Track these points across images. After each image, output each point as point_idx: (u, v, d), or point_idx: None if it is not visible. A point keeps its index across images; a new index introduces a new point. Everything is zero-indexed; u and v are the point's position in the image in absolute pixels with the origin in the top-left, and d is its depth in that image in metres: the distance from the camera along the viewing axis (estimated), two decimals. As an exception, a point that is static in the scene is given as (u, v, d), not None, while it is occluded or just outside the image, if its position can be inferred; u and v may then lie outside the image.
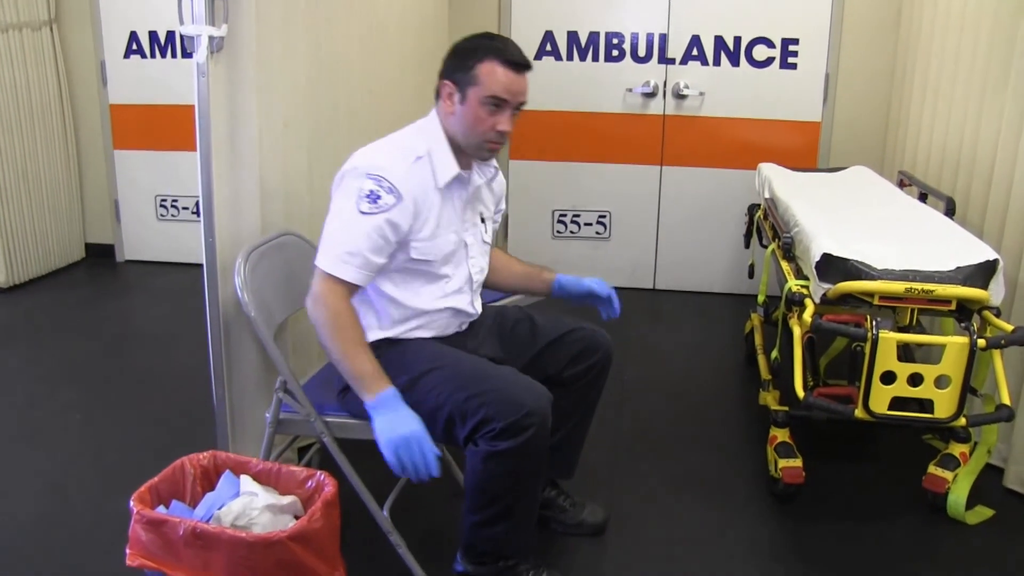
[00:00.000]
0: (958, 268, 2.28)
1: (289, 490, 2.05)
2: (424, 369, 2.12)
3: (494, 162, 2.39)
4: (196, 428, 2.98)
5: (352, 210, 2.07)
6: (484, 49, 2.13)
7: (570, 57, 4.87)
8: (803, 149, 4.80)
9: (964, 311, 2.31)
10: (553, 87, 4.87)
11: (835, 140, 4.82)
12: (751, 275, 3.63)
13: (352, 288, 2.09)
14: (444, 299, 2.26)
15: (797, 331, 2.42)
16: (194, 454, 2.07)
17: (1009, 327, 2.22)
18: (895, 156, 4.45)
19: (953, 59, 3.59)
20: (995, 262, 2.29)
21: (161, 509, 1.92)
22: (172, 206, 5.50)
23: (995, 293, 2.30)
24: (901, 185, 3.72)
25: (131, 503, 1.85)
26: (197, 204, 2.80)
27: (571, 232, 5.01)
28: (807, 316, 2.35)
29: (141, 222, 5.58)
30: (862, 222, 2.86)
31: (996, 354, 2.29)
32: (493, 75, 2.11)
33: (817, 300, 2.40)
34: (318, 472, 2.03)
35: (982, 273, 2.28)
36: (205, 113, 2.20)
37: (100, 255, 5.65)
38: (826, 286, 2.35)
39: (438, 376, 2.10)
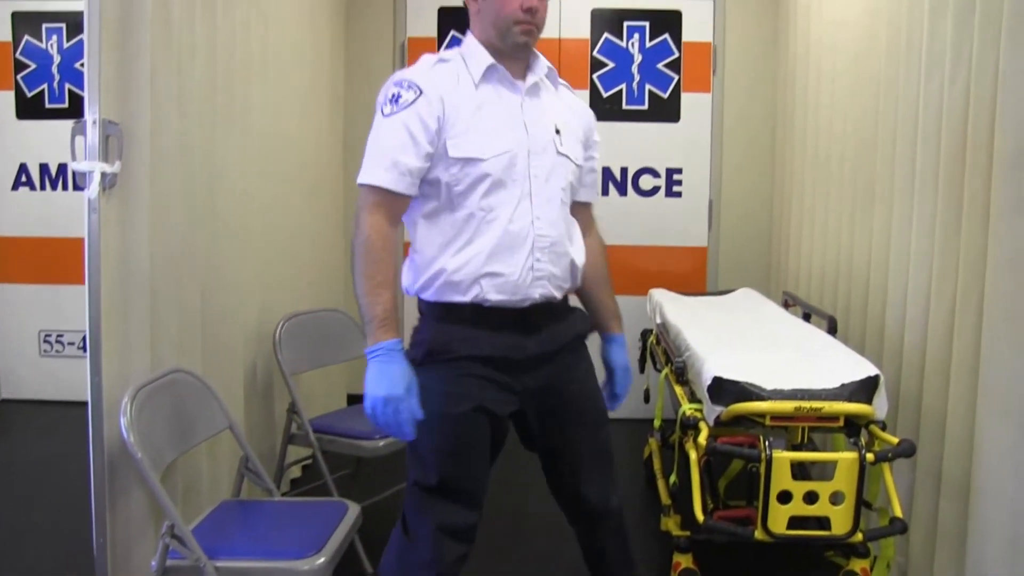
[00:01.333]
0: (843, 385, 2.35)
1: (177, 643, 1.94)
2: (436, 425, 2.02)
3: (565, 81, 2.28)
4: (76, 580, 2.81)
5: (377, 120, 2.01)
6: None
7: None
8: (692, 273, 4.96)
9: (852, 426, 2.37)
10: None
11: (722, 264, 4.99)
12: (647, 400, 3.66)
13: (392, 203, 2.00)
14: (492, 221, 2.03)
15: (693, 455, 2.44)
16: (72, 609, 1.95)
17: (895, 440, 2.29)
18: (779, 277, 4.63)
19: (824, 186, 3.81)
20: (876, 377, 2.38)
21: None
22: (57, 342, 5.30)
23: (879, 407, 2.37)
24: (786, 305, 3.85)
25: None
26: (84, 339, 2.74)
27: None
28: (702, 439, 2.38)
29: (22, 358, 5.34)
30: (751, 343, 2.94)
31: (885, 467, 2.35)
32: None
33: (711, 423, 2.43)
34: (208, 622, 1.94)
35: (866, 389, 2.36)
36: (96, 249, 2.16)
37: (-24, 395, 5.37)
38: (719, 409, 2.39)
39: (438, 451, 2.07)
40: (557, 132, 2.14)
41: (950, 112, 2.57)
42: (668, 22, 4.88)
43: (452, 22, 4.88)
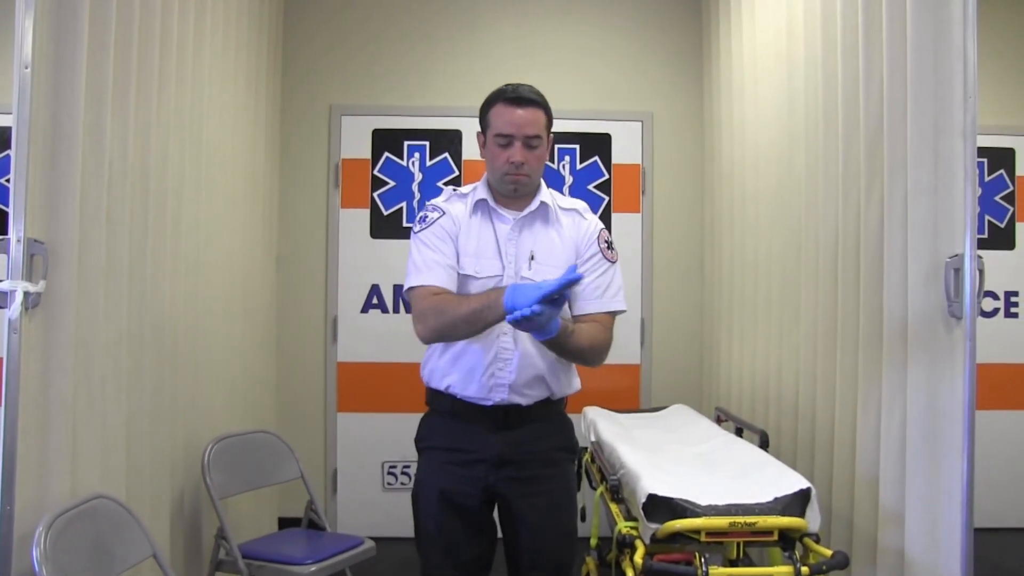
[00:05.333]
0: (776, 499, 2.36)
1: None
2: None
3: (577, 206, 2.59)
4: None
5: (412, 241, 2.47)
6: (494, 96, 2.46)
7: (396, 310, 4.95)
8: (625, 391, 4.98)
9: (787, 540, 2.37)
10: (381, 339, 4.90)
11: (655, 381, 5.03)
12: (583, 518, 3.62)
13: (428, 289, 2.38)
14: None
15: (630, 574, 2.41)
16: None
17: (828, 552, 2.29)
18: (711, 393, 4.68)
19: (752, 304, 3.90)
20: (808, 490, 2.39)
21: None
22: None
23: (812, 520, 2.38)
24: (718, 421, 3.88)
25: None
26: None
27: (402, 484, 4.90)
28: (638, 558, 2.36)
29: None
30: (684, 460, 2.95)
31: (821, 580, 2.35)
32: (499, 115, 2.42)
33: (647, 540, 2.41)
34: None
35: (798, 502, 2.37)
36: (15, 370, 2.10)
37: None
38: (654, 526, 2.37)
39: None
40: (532, 258, 2.47)
41: (867, 232, 2.68)
42: (598, 144, 5.05)
43: (386, 144, 4.97)
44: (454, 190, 2.59)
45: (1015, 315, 5.06)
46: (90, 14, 2.34)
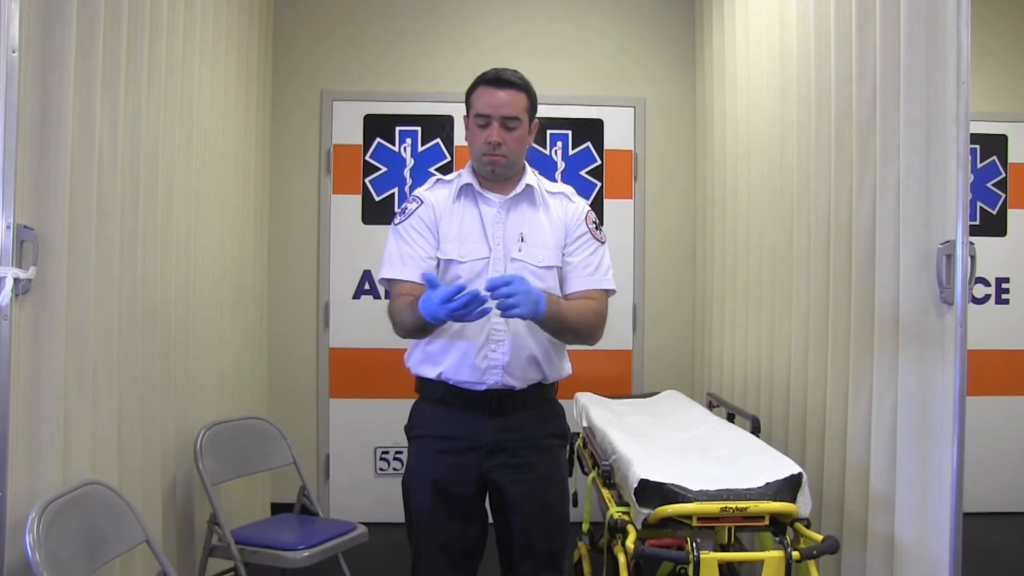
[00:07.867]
0: (767, 484, 2.37)
1: None
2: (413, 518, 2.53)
3: (564, 189, 2.61)
4: None
5: (391, 231, 2.53)
6: (477, 79, 2.48)
7: (388, 296, 4.92)
8: (618, 376, 4.99)
9: (778, 525, 2.38)
10: (373, 325, 4.86)
11: (647, 366, 5.04)
12: (575, 504, 3.63)
13: (412, 289, 2.41)
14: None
15: (622, 559, 2.42)
16: None
17: (819, 537, 2.30)
18: (703, 379, 4.69)
19: (744, 291, 3.90)
20: (800, 475, 2.40)
21: None
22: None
23: (803, 505, 2.39)
24: (710, 406, 3.89)
25: None
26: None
27: (394, 469, 4.90)
28: (630, 543, 2.36)
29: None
30: (676, 445, 2.95)
31: (811, 564, 2.35)
32: (479, 97, 2.45)
33: (639, 526, 2.42)
34: None
35: (789, 487, 2.38)
36: (6, 358, 2.09)
37: None
38: (646, 511, 2.38)
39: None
40: (521, 240, 2.48)
41: (859, 218, 2.68)
42: (590, 130, 5.03)
43: (377, 129, 4.95)
44: (439, 177, 2.62)
45: (1006, 301, 5.08)
46: (78, -3, 2.32)
